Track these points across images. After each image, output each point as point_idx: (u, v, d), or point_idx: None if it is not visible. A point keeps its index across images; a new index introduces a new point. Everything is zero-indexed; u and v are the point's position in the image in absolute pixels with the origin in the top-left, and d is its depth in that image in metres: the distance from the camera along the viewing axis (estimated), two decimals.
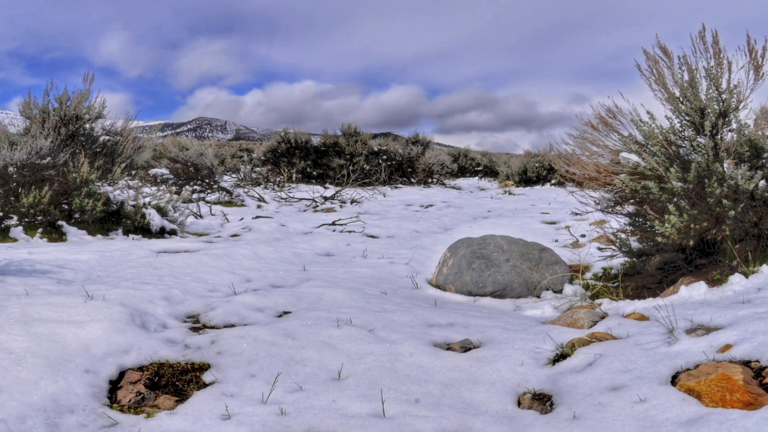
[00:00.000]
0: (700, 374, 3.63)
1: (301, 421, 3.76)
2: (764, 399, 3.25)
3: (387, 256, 9.13)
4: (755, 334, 3.99)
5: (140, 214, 10.69)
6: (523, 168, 27.06)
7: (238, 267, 7.77)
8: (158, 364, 4.70)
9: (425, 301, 6.48)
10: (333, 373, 4.50)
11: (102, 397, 4.19)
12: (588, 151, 7.17)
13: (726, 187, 5.75)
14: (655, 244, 6.76)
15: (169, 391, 4.34)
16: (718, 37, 6.10)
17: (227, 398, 4.13)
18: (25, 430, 3.63)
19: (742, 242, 5.88)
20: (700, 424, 3.17)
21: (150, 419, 3.90)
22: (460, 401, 4.01)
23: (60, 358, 4.48)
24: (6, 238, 9.20)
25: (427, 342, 5.05)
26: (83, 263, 7.68)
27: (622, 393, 3.71)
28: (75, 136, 12.04)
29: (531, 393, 4.00)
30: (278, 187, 20.67)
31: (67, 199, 10.33)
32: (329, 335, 5.14)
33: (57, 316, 5.27)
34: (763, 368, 3.58)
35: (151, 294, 6.14)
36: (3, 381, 4.02)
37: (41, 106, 12.10)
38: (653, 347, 4.22)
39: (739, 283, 5.13)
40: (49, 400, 3.95)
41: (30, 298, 5.71)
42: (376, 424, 3.69)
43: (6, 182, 10.39)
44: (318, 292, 6.46)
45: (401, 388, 4.21)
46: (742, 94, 6.07)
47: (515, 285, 6.65)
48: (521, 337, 5.06)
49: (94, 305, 5.61)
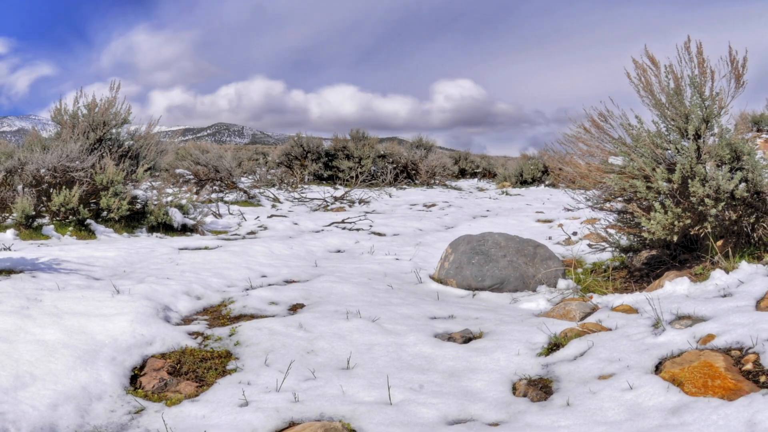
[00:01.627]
0: (684, 362, 3.63)
1: (313, 407, 3.77)
2: (743, 385, 3.24)
3: (393, 253, 9.12)
4: (735, 326, 3.98)
5: (163, 212, 10.71)
6: (519, 170, 27.04)
7: (255, 263, 7.77)
8: (180, 352, 4.71)
9: (428, 295, 6.48)
10: (343, 362, 4.50)
11: (128, 385, 4.21)
12: (581, 151, 7.17)
13: (708, 187, 5.75)
14: (641, 240, 6.76)
15: (190, 377, 4.35)
16: (702, 48, 6.10)
17: (245, 385, 4.13)
18: (57, 416, 3.63)
19: (723, 239, 5.87)
20: (684, 410, 3.16)
21: (173, 404, 3.90)
22: (460, 389, 4.01)
23: (89, 349, 4.49)
24: (39, 236, 9.21)
25: (430, 333, 5.05)
26: (110, 260, 7.69)
27: (611, 381, 3.70)
28: (102, 141, 12.07)
29: (527, 380, 4.00)
30: (292, 188, 20.68)
31: (95, 198, 10.35)
32: (339, 327, 5.14)
33: (86, 310, 5.29)
34: (743, 356, 3.58)
35: (173, 289, 6.15)
36: (37, 371, 4.03)
37: (71, 113, 12.15)
38: (640, 338, 4.22)
39: (720, 278, 5.12)
40: (79, 389, 3.95)
41: (62, 293, 5.73)
42: (383, 410, 3.69)
43: (38, 183, 10.42)
44: (329, 286, 6.46)
45: (406, 377, 4.21)
46: (723, 101, 6.08)
47: (512, 279, 6.65)
48: (517, 328, 5.05)
49: (121, 299, 5.62)
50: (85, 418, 3.72)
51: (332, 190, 20.89)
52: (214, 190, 17.48)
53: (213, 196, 16.28)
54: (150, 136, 12.70)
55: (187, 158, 18.11)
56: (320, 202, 17.30)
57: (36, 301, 5.38)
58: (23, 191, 10.28)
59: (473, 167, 30.48)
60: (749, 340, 3.76)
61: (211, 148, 20.23)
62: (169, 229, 10.97)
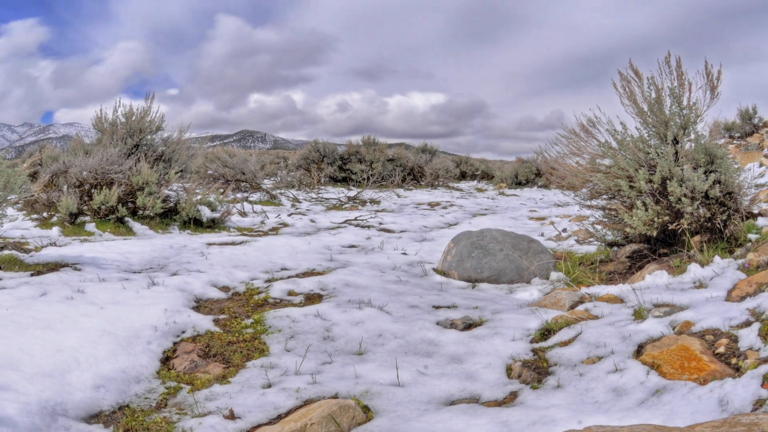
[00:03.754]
0: (663, 345, 3.63)
1: (330, 388, 3.79)
2: (716, 366, 3.25)
3: (400, 248, 9.13)
4: (709, 314, 3.99)
5: (194, 209, 10.75)
6: (514, 172, 27.01)
7: (276, 257, 7.79)
8: (208, 337, 4.73)
9: (432, 286, 6.49)
10: (356, 347, 4.52)
11: (162, 367, 4.23)
12: (571, 151, 7.19)
13: (685, 187, 5.77)
14: (625, 235, 6.76)
15: (218, 360, 4.37)
16: (681, 62, 6.12)
17: (267, 368, 4.15)
18: (99, 397, 3.67)
19: (698, 235, 5.88)
20: (663, 390, 3.17)
21: (203, 385, 3.93)
22: (462, 371, 4.02)
23: (128, 335, 4.52)
24: (81, 232, 9.25)
25: (434, 320, 5.06)
26: (147, 254, 7.72)
27: (597, 364, 3.71)
28: (138, 146, 12.13)
29: (521, 363, 4.00)
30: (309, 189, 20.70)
31: (132, 198, 10.40)
32: (353, 315, 5.15)
33: (125, 300, 5.32)
34: (716, 340, 3.59)
35: (203, 280, 6.18)
36: (81, 356, 4.06)
37: (111, 121, 12.22)
38: (624, 325, 4.22)
39: (696, 270, 5.12)
40: (119, 371, 3.98)
41: (103, 284, 5.76)
42: (393, 390, 3.71)
43: (81, 184, 10.48)
44: (343, 278, 6.47)
45: (413, 360, 4.23)
46: (699, 110, 6.10)
47: (508, 271, 6.65)
48: (513, 316, 5.06)
49: (156, 290, 5.65)
50: (125, 398, 3.75)
51: (346, 190, 20.90)
52: (240, 190, 17.51)
53: (239, 196, 16.31)
54: (181, 141, 12.76)
55: (216, 161, 18.15)
56: (335, 202, 17.32)
57: (80, 292, 5.42)
58: (67, 191, 10.34)
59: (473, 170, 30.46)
60: (721, 326, 3.78)
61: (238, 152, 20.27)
62: (199, 225, 11.00)
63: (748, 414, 2.39)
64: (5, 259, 6.53)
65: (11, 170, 6.75)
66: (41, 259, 6.82)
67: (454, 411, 3.36)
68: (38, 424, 3.25)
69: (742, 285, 4.43)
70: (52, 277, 5.98)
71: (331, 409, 3.27)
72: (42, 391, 3.52)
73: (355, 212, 15.03)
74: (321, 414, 3.22)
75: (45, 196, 10.77)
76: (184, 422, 3.42)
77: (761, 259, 4.77)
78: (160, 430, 3.36)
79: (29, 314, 4.71)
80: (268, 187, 18.96)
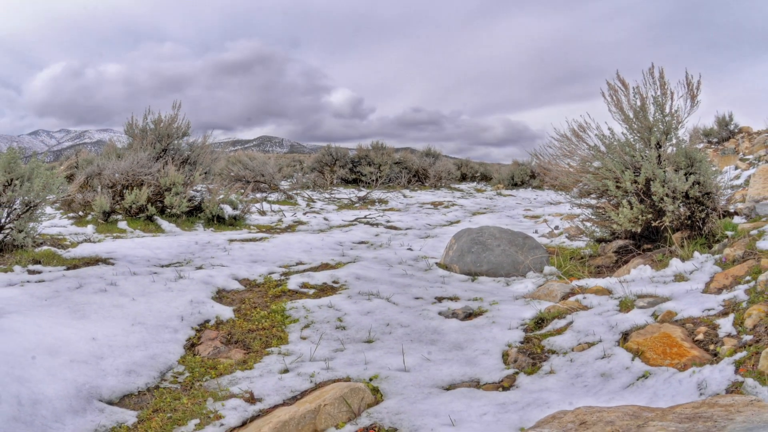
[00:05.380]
0: (647, 333, 3.64)
1: (341, 372, 3.80)
2: (695, 351, 3.26)
3: (406, 244, 9.13)
4: (689, 304, 3.99)
5: (217, 207, 10.78)
6: (511, 174, 26.99)
7: (292, 252, 7.80)
8: (230, 325, 4.76)
9: (436, 279, 6.50)
10: (366, 335, 4.54)
11: (188, 353, 4.26)
12: (563, 153, 7.21)
13: (667, 187, 5.77)
14: (612, 231, 6.77)
15: (239, 346, 4.39)
16: (663, 73, 6.13)
17: (285, 355, 4.17)
18: (131, 381, 3.69)
19: (679, 231, 5.87)
20: (647, 375, 3.18)
21: (225, 369, 3.95)
22: (463, 357, 4.03)
23: (157, 324, 4.55)
24: (114, 229, 9.28)
25: (437, 310, 5.08)
26: (174, 249, 7.75)
27: (587, 351, 3.71)
28: (166, 150, 12.19)
29: (517, 349, 4.01)
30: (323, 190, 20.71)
31: (160, 198, 10.44)
32: (363, 306, 5.17)
33: (155, 292, 5.35)
34: (695, 328, 3.59)
35: (225, 273, 6.20)
36: (114, 344, 4.09)
37: (141, 127, 12.30)
38: (611, 315, 4.22)
39: (677, 264, 5.12)
40: (148, 358, 4.01)
41: (135, 278, 5.79)
42: (400, 375, 3.72)
43: (113, 185, 10.53)
44: (354, 271, 6.49)
45: (418, 347, 4.24)
46: (680, 117, 6.11)
47: (505, 265, 6.66)
48: (510, 306, 5.07)
49: (183, 283, 5.68)
50: (154, 382, 3.77)
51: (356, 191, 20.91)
52: (259, 191, 17.53)
53: (258, 196, 16.32)
54: (205, 146, 12.81)
55: (237, 164, 18.18)
56: (346, 201, 17.33)
57: (113, 285, 5.45)
58: (101, 191, 10.39)
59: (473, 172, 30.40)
60: (701, 315, 3.78)
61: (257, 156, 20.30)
62: (222, 222, 11.02)
63: (725, 396, 2.40)
64: (44, 254, 6.56)
65: (50, 172, 6.79)
66: (77, 254, 6.85)
67: (456, 394, 3.38)
68: (75, 406, 3.28)
69: (719, 278, 4.43)
70: (87, 270, 6.01)
71: (343, 391, 3.28)
72: (78, 377, 3.55)
73: (365, 211, 15.04)
74: (333, 396, 3.24)
75: (80, 196, 10.82)
76: (209, 404, 3.44)
77: (737, 254, 4.77)
78: (187, 411, 3.38)
79: (66, 305, 4.74)
80: (285, 188, 19.00)
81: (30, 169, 6.64)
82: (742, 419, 2.02)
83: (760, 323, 3.30)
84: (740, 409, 2.12)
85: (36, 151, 7.14)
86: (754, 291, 3.87)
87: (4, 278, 5.52)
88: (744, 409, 2.12)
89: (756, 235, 5.12)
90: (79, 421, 3.19)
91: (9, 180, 6.49)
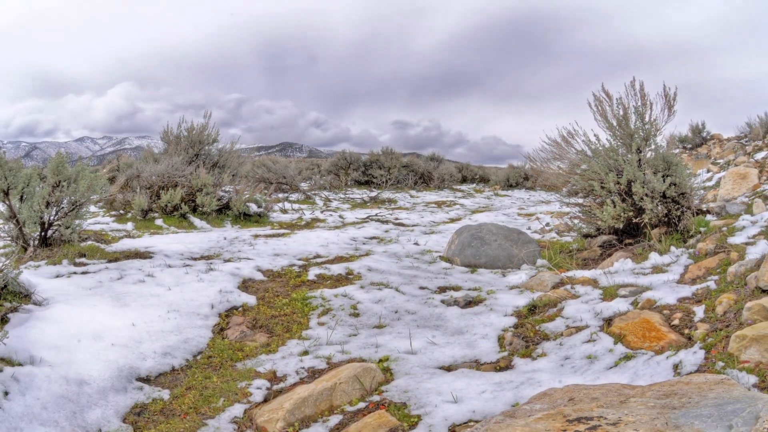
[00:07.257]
0: (628, 318, 3.65)
1: (356, 354, 3.83)
2: (672, 335, 3.27)
3: (413, 239, 9.13)
4: (666, 293, 4.00)
5: (243, 205, 10.83)
6: (506, 176, 26.93)
7: (311, 246, 7.82)
8: (255, 311, 4.79)
9: (439, 270, 6.50)
10: (377, 321, 4.56)
11: (217, 336, 4.29)
12: (554, 156, 7.22)
13: (646, 188, 5.78)
14: (597, 227, 6.76)
15: (263, 330, 4.43)
16: (644, 86, 6.13)
17: (304, 339, 4.20)
18: (166, 362, 3.73)
19: (657, 227, 5.87)
20: (630, 357, 3.19)
21: (251, 351, 3.98)
22: (463, 340, 4.05)
23: (189, 311, 4.59)
24: (151, 226, 9.32)
25: (441, 299, 5.09)
26: (205, 244, 7.79)
27: (575, 335, 3.72)
28: (198, 155, 12.28)
29: (512, 333, 4.02)
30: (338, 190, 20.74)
31: (193, 197, 10.49)
32: (374, 294, 5.19)
33: (188, 282, 5.38)
34: (671, 314, 3.60)
35: (250, 266, 6.23)
36: (151, 329, 4.13)
37: (175, 134, 12.41)
38: (596, 303, 4.23)
39: (656, 258, 5.11)
40: (181, 341, 4.05)
41: (170, 269, 5.83)
42: (407, 357, 3.75)
43: (151, 186, 10.60)
44: (366, 264, 6.50)
45: (423, 332, 4.26)
46: (658, 125, 6.11)
47: (501, 258, 6.66)
48: (505, 295, 5.08)
49: (213, 274, 5.71)
50: (188, 363, 3.81)
51: (368, 192, 20.89)
52: (281, 191, 17.57)
53: (280, 196, 16.35)
54: (233, 151, 12.89)
55: (261, 167, 18.24)
56: (359, 201, 17.34)
57: (150, 276, 5.49)
58: (140, 192, 10.46)
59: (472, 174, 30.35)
60: (677, 303, 3.79)
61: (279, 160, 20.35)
62: (247, 219, 11.05)
63: (698, 374, 2.41)
64: (88, 248, 6.61)
65: (94, 175, 6.85)
66: (118, 249, 6.90)
67: (458, 374, 3.40)
68: (116, 385, 3.32)
69: (693, 269, 4.43)
70: (128, 263, 6.05)
71: (356, 371, 3.31)
72: (119, 359, 3.59)
73: (376, 210, 15.04)
74: (348, 375, 3.27)
75: (121, 196, 10.90)
76: (237, 382, 3.48)
77: (709, 248, 4.76)
78: (216, 388, 3.41)
79: (109, 294, 4.79)
80: (304, 188, 19.01)
81: (76, 172, 6.70)
82: (713, 395, 2.03)
83: (729, 310, 3.30)
84: (712, 387, 2.13)
85: (81, 156, 7.20)
86: (725, 281, 3.88)
87: (53, 270, 5.57)
88: (715, 387, 2.13)
89: (726, 231, 5.12)
90: (121, 398, 3.23)
91: (57, 182, 6.55)
